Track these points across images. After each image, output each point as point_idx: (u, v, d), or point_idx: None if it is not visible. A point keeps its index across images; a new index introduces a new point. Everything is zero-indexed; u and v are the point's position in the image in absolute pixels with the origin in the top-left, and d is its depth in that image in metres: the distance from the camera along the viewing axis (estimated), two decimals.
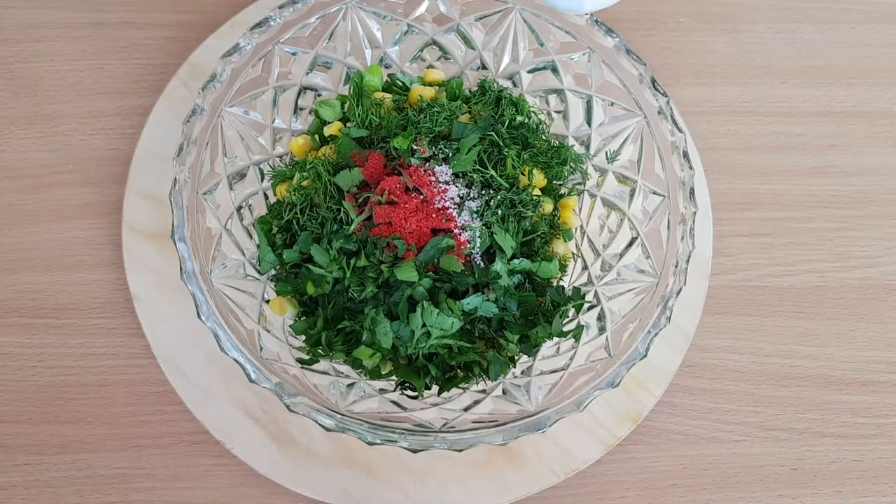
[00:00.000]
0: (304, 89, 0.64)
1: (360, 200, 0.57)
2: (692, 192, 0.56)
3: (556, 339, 0.59)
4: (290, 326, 0.60)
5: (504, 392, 0.58)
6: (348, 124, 0.63)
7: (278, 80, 0.62)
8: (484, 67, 0.67)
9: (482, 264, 0.57)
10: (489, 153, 0.60)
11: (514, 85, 0.66)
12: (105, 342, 0.66)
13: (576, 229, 0.64)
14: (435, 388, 0.58)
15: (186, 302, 0.59)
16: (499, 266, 0.56)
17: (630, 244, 0.61)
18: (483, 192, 0.58)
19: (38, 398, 0.64)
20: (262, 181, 0.63)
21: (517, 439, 0.52)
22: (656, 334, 0.54)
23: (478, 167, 0.58)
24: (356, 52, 0.65)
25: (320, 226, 0.58)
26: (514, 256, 0.58)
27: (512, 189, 0.59)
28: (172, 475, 0.63)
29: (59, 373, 0.65)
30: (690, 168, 0.57)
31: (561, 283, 0.62)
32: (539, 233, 0.60)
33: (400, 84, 0.66)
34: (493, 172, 0.58)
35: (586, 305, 0.61)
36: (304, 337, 0.59)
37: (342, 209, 0.57)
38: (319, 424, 0.51)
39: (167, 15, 0.74)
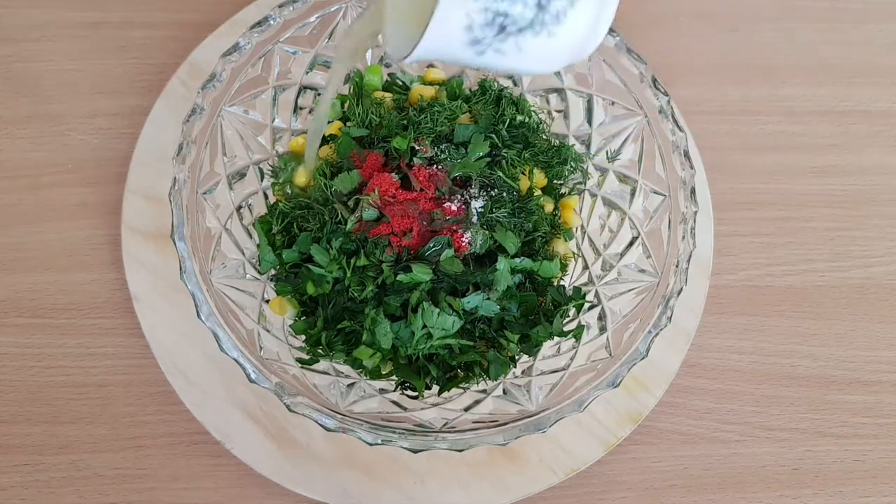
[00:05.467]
0: (303, 88, 0.64)
1: (351, 203, 0.57)
2: (693, 191, 0.56)
3: (556, 339, 0.59)
4: (289, 326, 0.59)
5: (504, 392, 0.58)
6: (348, 124, 0.63)
7: (278, 80, 0.62)
8: None
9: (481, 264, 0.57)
10: (493, 156, 0.60)
11: (515, 84, 0.66)
12: (104, 342, 0.66)
13: (576, 229, 0.64)
14: (435, 388, 0.58)
15: (186, 302, 0.59)
16: (502, 265, 0.56)
17: (631, 244, 0.61)
18: (482, 192, 0.58)
19: (36, 398, 0.64)
20: (261, 181, 0.63)
21: (517, 439, 0.52)
22: (657, 334, 0.54)
23: (485, 171, 0.58)
24: None
25: (320, 224, 0.58)
26: (514, 255, 0.58)
27: (513, 193, 0.59)
28: (172, 475, 0.63)
29: (58, 373, 0.65)
30: (691, 167, 0.57)
31: (561, 282, 0.62)
32: (540, 232, 0.60)
33: (400, 83, 0.66)
34: (501, 174, 0.58)
35: (587, 305, 0.60)
36: (303, 337, 0.59)
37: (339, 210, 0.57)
38: (320, 424, 0.51)
39: (166, 14, 0.74)
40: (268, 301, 0.59)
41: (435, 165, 0.58)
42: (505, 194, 0.58)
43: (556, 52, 0.36)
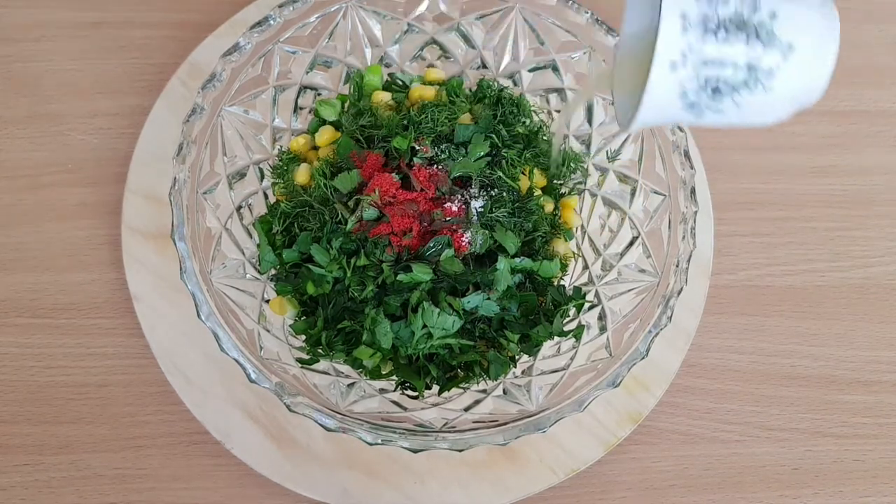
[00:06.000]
0: (303, 88, 0.64)
1: (351, 204, 0.57)
2: (693, 191, 0.56)
3: (556, 339, 0.59)
4: (290, 326, 0.59)
5: (504, 392, 0.58)
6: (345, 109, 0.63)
7: (278, 80, 0.62)
8: (484, 66, 0.67)
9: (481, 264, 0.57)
10: (493, 156, 0.60)
11: (515, 84, 0.66)
12: (104, 342, 0.66)
13: (576, 229, 0.64)
14: (435, 388, 0.58)
15: (186, 302, 0.59)
16: (502, 265, 0.56)
17: (631, 243, 0.61)
18: (482, 192, 0.58)
19: (36, 398, 0.64)
20: (261, 181, 0.63)
21: (517, 439, 0.52)
22: (657, 334, 0.54)
23: (485, 171, 0.59)
24: (356, 51, 0.65)
25: (320, 224, 0.58)
26: (514, 255, 0.58)
27: (513, 193, 0.59)
28: (172, 475, 0.63)
29: (58, 373, 0.65)
30: (691, 167, 0.57)
31: (562, 282, 0.62)
32: (540, 232, 0.60)
33: (400, 83, 0.66)
34: (501, 174, 0.58)
35: (587, 305, 0.60)
36: (304, 337, 0.59)
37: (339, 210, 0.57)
38: (320, 424, 0.51)
39: (166, 14, 0.74)
40: (268, 301, 0.59)
41: (435, 165, 0.58)
42: (505, 194, 0.58)
43: (776, 103, 0.36)
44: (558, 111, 0.66)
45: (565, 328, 0.59)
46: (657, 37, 0.34)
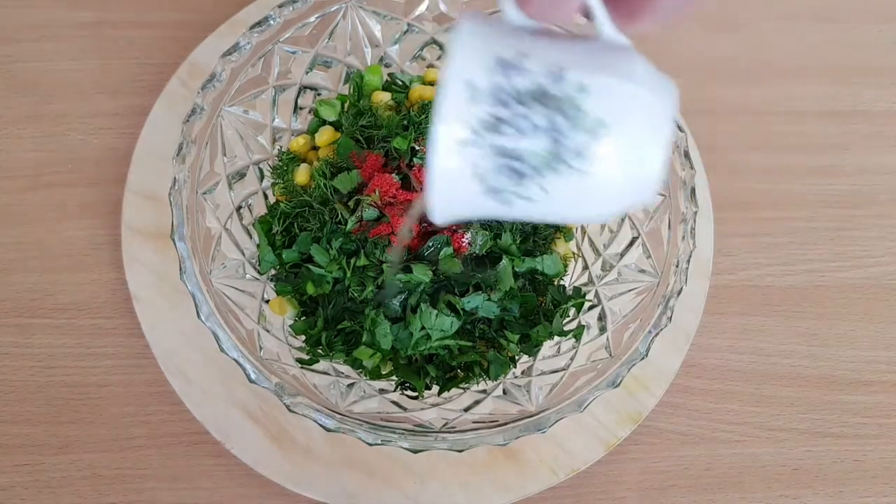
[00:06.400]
0: (303, 88, 0.64)
1: (351, 204, 0.57)
2: (693, 191, 0.56)
3: (556, 339, 0.59)
4: (289, 326, 0.59)
5: (504, 392, 0.58)
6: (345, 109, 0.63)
7: (278, 80, 0.62)
8: None
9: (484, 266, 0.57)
10: None
11: None
12: (104, 342, 0.65)
13: (576, 229, 0.64)
14: (435, 389, 0.58)
15: (186, 302, 0.59)
16: (506, 266, 0.56)
17: (631, 244, 0.61)
18: None
19: (36, 398, 0.64)
20: (261, 181, 0.63)
21: (517, 439, 0.52)
22: (657, 334, 0.54)
23: None
24: (356, 51, 0.65)
25: (320, 224, 0.58)
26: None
27: None
28: (172, 475, 0.63)
29: (58, 373, 0.65)
30: (691, 168, 0.57)
31: (561, 282, 0.62)
32: (541, 233, 0.60)
33: (400, 83, 0.66)
34: None
35: (587, 305, 0.60)
36: (303, 337, 0.59)
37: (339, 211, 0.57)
38: (319, 425, 0.51)
39: (167, 14, 0.74)
40: (268, 301, 0.59)
41: None
42: None
43: (596, 192, 0.30)
44: None
45: (565, 328, 0.60)
46: (437, 108, 0.28)
